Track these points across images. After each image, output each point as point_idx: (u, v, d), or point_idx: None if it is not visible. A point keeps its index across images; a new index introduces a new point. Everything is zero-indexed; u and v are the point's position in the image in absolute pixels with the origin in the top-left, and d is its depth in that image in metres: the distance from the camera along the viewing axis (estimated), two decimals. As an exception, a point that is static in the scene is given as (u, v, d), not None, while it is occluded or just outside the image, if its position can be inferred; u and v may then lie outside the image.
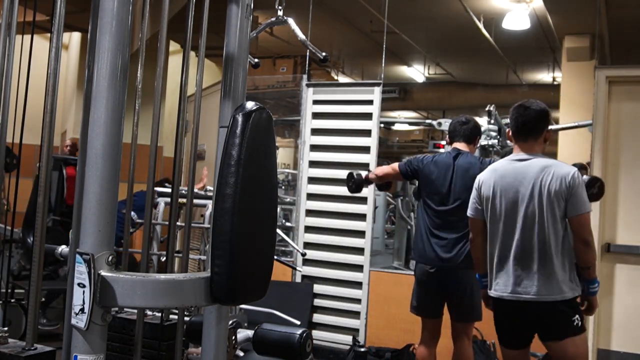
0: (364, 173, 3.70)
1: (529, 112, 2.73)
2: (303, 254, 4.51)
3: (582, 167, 3.16)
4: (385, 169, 3.66)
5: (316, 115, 4.91)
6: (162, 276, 1.07)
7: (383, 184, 3.75)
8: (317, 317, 4.75)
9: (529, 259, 2.60)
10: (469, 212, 2.88)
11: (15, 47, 1.56)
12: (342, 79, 10.32)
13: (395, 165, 3.59)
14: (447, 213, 3.31)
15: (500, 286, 2.67)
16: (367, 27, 7.64)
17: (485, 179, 2.76)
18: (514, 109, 2.79)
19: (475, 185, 2.83)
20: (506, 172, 2.69)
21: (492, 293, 2.72)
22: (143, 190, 4.08)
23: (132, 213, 3.91)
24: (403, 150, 13.34)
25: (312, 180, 4.88)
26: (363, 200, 4.66)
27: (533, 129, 2.70)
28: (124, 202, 1.65)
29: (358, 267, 4.66)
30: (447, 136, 3.60)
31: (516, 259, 2.63)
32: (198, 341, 1.62)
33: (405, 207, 6.72)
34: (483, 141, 5.72)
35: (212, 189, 3.49)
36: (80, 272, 1.03)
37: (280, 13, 2.85)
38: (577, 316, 2.59)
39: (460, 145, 3.43)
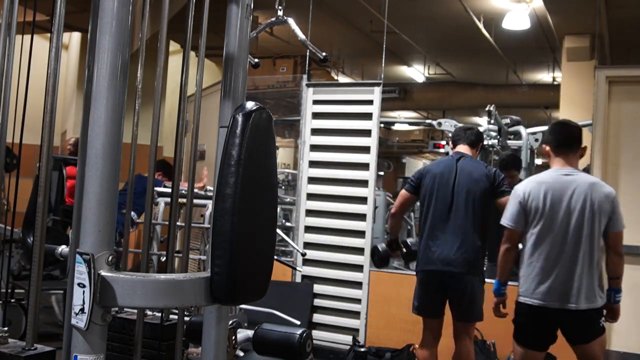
0: (384, 244, 3.75)
1: (571, 129, 2.93)
2: (303, 254, 4.51)
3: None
4: (398, 203, 3.65)
5: (316, 115, 4.91)
6: (162, 276, 1.07)
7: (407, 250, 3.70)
8: (317, 317, 4.75)
9: (575, 269, 2.76)
10: (510, 223, 2.89)
11: (15, 47, 1.56)
12: (342, 79, 10.32)
13: (403, 192, 3.63)
14: (449, 214, 3.32)
15: (543, 295, 2.79)
16: (367, 27, 7.64)
17: (533, 190, 2.83)
18: (556, 125, 3.00)
19: (519, 197, 2.87)
20: (556, 184, 2.81)
21: (530, 301, 2.82)
22: (142, 175, 4.09)
23: (132, 213, 3.91)
24: (403, 150, 13.35)
25: (312, 180, 4.88)
26: (363, 200, 4.67)
27: (574, 144, 2.88)
28: (123, 193, 1.64)
29: (358, 267, 4.66)
30: (450, 141, 3.66)
31: (563, 269, 2.77)
32: (198, 341, 1.62)
33: (405, 207, 6.72)
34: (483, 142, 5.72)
35: (212, 189, 3.49)
36: (80, 272, 1.03)
37: (280, 13, 2.84)
38: (602, 318, 2.82)
39: (463, 149, 3.48)
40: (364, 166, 4.66)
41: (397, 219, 3.71)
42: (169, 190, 3.33)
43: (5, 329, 1.44)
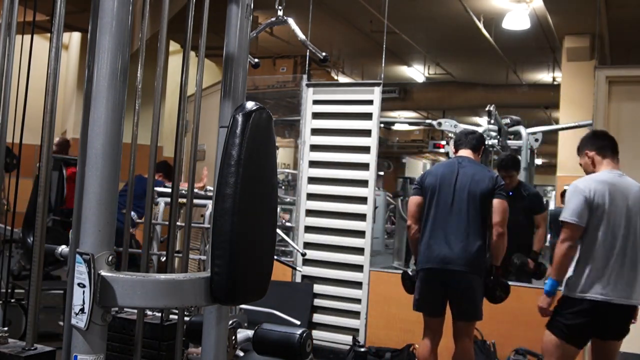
0: (412, 269, 3.68)
1: (611, 136, 3.17)
2: (303, 254, 4.51)
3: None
4: (411, 210, 3.58)
5: (316, 115, 4.91)
6: (162, 276, 1.07)
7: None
8: (317, 317, 4.75)
9: (627, 266, 2.88)
10: (575, 219, 2.90)
11: (15, 47, 1.56)
12: (342, 79, 10.32)
13: (412, 199, 3.58)
14: (451, 214, 3.33)
15: (598, 290, 2.86)
16: (367, 27, 7.64)
17: (598, 188, 2.92)
18: (598, 133, 3.25)
19: (584, 192, 2.91)
20: (616, 184, 2.94)
21: (593, 296, 2.87)
22: (142, 176, 4.07)
23: (132, 213, 3.91)
24: (403, 150, 13.35)
25: (312, 180, 4.88)
26: (363, 200, 4.67)
27: (616, 149, 3.10)
28: (123, 194, 1.64)
29: (358, 267, 4.66)
30: (453, 146, 3.67)
31: (617, 266, 2.87)
32: (198, 341, 1.62)
33: (406, 207, 6.73)
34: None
35: (212, 189, 3.49)
36: (80, 272, 1.03)
37: (280, 13, 2.84)
38: None
39: (466, 153, 3.52)
40: (364, 166, 4.66)
41: (415, 230, 3.51)
42: (169, 190, 3.33)
43: (5, 329, 1.44)
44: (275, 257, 2.24)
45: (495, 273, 3.34)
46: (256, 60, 2.94)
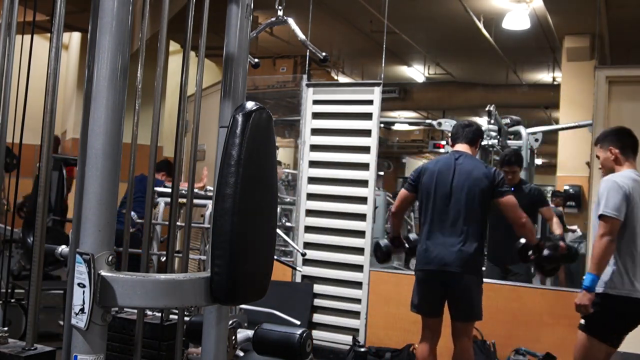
0: (386, 239, 3.74)
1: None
2: (303, 254, 4.51)
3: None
4: (397, 202, 3.67)
5: (316, 115, 4.91)
6: (162, 276, 1.07)
7: (399, 242, 3.70)
8: (317, 317, 4.75)
9: None
10: (615, 213, 2.92)
11: (15, 47, 1.56)
12: (342, 79, 10.32)
13: (402, 192, 3.64)
14: (448, 213, 3.31)
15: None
16: (367, 27, 7.63)
17: (633, 185, 2.97)
18: (624, 130, 3.26)
19: (623, 188, 2.94)
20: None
21: (634, 294, 2.90)
22: (143, 174, 4.05)
23: (132, 213, 3.91)
24: (403, 150, 13.34)
25: (312, 180, 4.88)
26: (363, 200, 4.67)
27: (637, 151, 3.17)
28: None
29: (358, 267, 4.66)
30: (450, 139, 3.62)
31: None
32: (198, 341, 1.62)
33: (405, 207, 6.72)
34: (483, 141, 5.72)
35: (212, 189, 3.49)
36: (80, 272, 1.03)
37: (280, 13, 2.84)
38: None
39: (462, 147, 3.45)
40: (364, 166, 4.66)
41: (398, 217, 3.71)
42: (169, 190, 3.32)
43: (5, 329, 1.44)
44: (275, 257, 2.24)
45: (537, 249, 3.30)
46: (256, 60, 2.94)
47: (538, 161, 8.57)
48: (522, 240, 3.36)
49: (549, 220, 4.52)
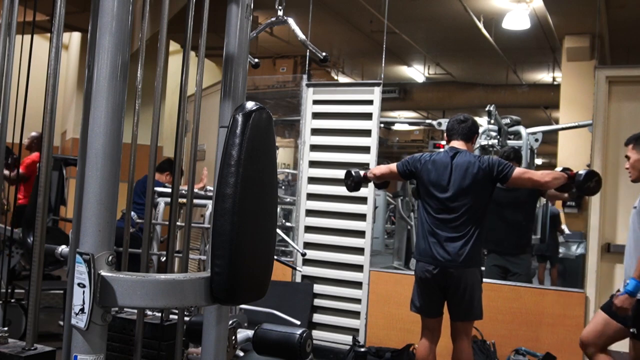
0: (362, 171, 3.67)
1: None
2: (303, 254, 4.51)
3: (567, 169, 3.25)
4: (383, 168, 3.63)
5: (316, 115, 4.91)
6: (162, 276, 1.07)
7: (381, 182, 3.73)
8: (317, 317, 4.75)
9: None
10: None
11: (15, 47, 1.56)
12: (342, 79, 10.31)
13: (393, 165, 3.56)
14: (446, 212, 3.30)
15: None
16: (367, 27, 7.63)
17: None
18: None
19: None
20: None
21: None
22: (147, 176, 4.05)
23: (132, 213, 3.91)
24: (403, 150, 13.33)
25: (312, 180, 4.88)
26: (363, 200, 4.67)
27: None
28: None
29: (358, 267, 4.66)
30: (445, 134, 3.57)
31: None
32: (198, 341, 1.62)
33: (405, 207, 6.73)
34: (483, 141, 5.73)
35: (212, 189, 3.49)
36: (80, 272, 1.03)
37: (280, 13, 2.84)
38: None
39: (458, 144, 3.41)
40: (364, 166, 4.65)
41: (371, 179, 3.64)
42: (169, 190, 3.32)
43: (5, 329, 1.44)
44: (275, 257, 2.24)
45: (571, 178, 3.20)
46: (256, 60, 2.94)
47: (538, 161, 8.56)
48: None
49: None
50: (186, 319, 1.95)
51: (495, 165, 3.26)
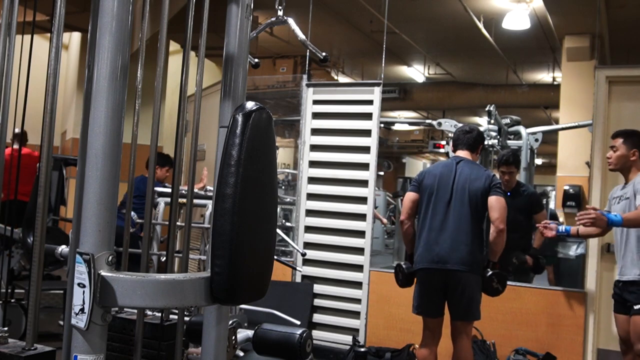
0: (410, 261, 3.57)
1: None
2: (303, 254, 4.50)
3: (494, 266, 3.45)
4: (406, 206, 3.55)
5: (316, 115, 4.91)
6: (162, 276, 1.07)
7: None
8: (317, 317, 4.75)
9: None
10: None
11: (15, 47, 1.56)
12: (342, 79, 10.32)
13: (409, 195, 3.56)
14: (448, 214, 3.33)
15: None
16: (367, 27, 7.64)
17: None
18: None
19: None
20: None
21: None
22: (143, 175, 4.02)
23: (132, 213, 3.91)
24: (403, 150, 13.35)
25: (312, 180, 4.88)
26: (363, 200, 4.67)
27: None
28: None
29: (358, 267, 4.66)
30: (451, 144, 3.65)
31: None
32: (198, 341, 1.62)
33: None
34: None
35: (212, 189, 3.49)
36: (80, 272, 1.03)
37: (280, 13, 2.84)
38: None
39: (464, 153, 3.51)
40: (364, 166, 4.66)
41: (409, 225, 3.54)
42: (169, 190, 3.32)
43: (5, 329, 1.44)
44: (275, 257, 2.24)
45: (492, 268, 3.33)
46: (256, 60, 2.94)
47: (538, 161, 8.57)
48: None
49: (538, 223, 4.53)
50: (186, 319, 1.95)
51: (495, 181, 3.37)
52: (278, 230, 4.22)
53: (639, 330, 3.19)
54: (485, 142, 5.72)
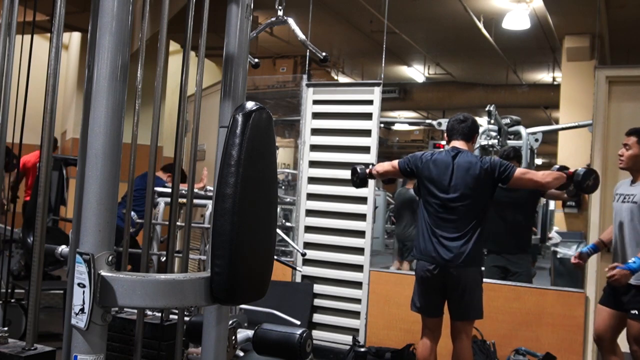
0: (367, 168, 3.70)
1: None
2: (303, 254, 4.50)
3: (564, 168, 3.32)
4: (386, 165, 3.66)
5: (316, 115, 4.91)
6: (162, 276, 1.07)
7: (386, 179, 3.78)
8: (317, 317, 4.75)
9: None
10: None
11: (15, 47, 1.56)
12: (342, 79, 10.32)
13: (395, 162, 3.57)
14: (447, 212, 3.30)
15: None
16: (367, 27, 7.64)
17: None
18: None
19: None
20: None
21: None
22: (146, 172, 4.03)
23: (132, 213, 3.91)
24: (403, 150, 13.34)
25: (312, 180, 4.88)
26: (363, 200, 4.66)
27: None
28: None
29: (358, 267, 4.66)
30: (445, 134, 3.58)
31: None
32: (198, 341, 1.62)
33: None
34: (483, 141, 5.73)
35: (212, 189, 3.49)
36: (80, 272, 1.04)
37: (280, 13, 2.84)
38: None
39: (459, 144, 3.42)
40: (364, 166, 4.65)
41: (375, 176, 3.70)
42: (169, 190, 3.32)
43: (5, 329, 1.44)
44: (275, 257, 2.24)
45: (569, 177, 3.23)
46: (256, 60, 2.95)
47: (538, 161, 8.57)
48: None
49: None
50: (186, 319, 1.95)
51: (497, 166, 3.26)
52: (278, 230, 4.22)
53: (634, 333, 3.21)
54: (485, 142, 5.73)
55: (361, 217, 4.68)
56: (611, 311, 3.34)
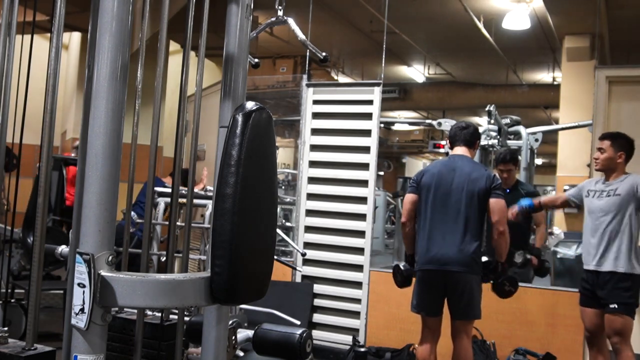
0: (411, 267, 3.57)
1: None
2: (303, 254, 4.50)
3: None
4: (406, 208, 3.55)
5: (316, 115, 4.91)
6: (162, 276, 1.07)
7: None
8: (317, 317, 4.75)
9: None
10: None
11: (15, 47, 1.56)
12: (342, 79, 10.32)
13: (408, 196, 3.55)
14: (447, 213, 3.32)
15: None
16: (367, 27, 7.64)
17: None
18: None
19: None
20: None
21: None
22: (158, 178, 4.00)
23: (132, 213, 3.92)
24: (403, 150, 13.36)
25: (312, 180, 4.88)
26: (363, 200, 4.66)
27: None
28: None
29: (358, 267, 4.66)
30: (448, 141, 3.65)
31: None
32: (198, 341, 1.62)
33: (405, 207, 6.72)
34: (483, 141, 5.73)
35: (212, 189, 3.49)
36: (80, 272, 1.04)
37: (280, 13, 2.84)
38: None
39: (461, 150, 3.50)
40: (364, 166, 4.65)
41: (409, 227, 3.53)
42: (169, 190, 3.32)
43: (5, 329, 1.44)
44: (275, 257, 2.24)
45: (501, 269, 3.36)
46: (256, 60, 2.94)
47: (538, 161, 8.58)
48: (485, 258, 3.37)
49: (537, 225, 4.54)
50: (186, 319, 1.95)
51: (495, 181, 3.36)
52: (278, 230, 4.22)
53: (615, 327, 3.28)
54: (485, 142, 5.73)
55: (361, 217, 4.68)
56: (594, 310, 3.41)
